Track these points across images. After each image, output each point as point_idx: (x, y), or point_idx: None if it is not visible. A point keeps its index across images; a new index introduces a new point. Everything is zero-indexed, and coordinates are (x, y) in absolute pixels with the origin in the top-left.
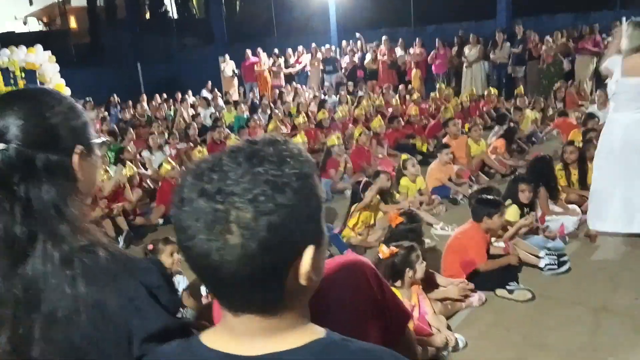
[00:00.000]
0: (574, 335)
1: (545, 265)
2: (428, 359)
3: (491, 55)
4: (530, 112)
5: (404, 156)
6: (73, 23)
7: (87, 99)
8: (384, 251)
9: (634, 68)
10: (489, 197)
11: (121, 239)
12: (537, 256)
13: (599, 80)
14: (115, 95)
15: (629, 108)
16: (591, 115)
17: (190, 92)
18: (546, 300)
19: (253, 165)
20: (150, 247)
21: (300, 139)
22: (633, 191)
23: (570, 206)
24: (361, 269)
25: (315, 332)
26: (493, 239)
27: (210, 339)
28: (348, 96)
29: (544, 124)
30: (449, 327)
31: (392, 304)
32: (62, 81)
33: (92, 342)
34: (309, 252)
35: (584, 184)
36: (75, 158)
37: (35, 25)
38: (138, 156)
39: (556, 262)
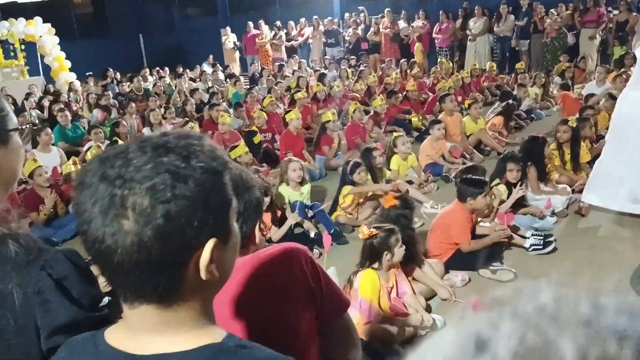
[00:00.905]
0: None
1: (530, 245)
2: (405, 339)
3: (495, 28)
4: (531, 89)
5: (396, 134)
6: None
7: (88, 73)
8: (364, 232)
9: None
10: (473, 177)
11: None
12: (523, 236)
13: (605, 54)
14: (111, 70)
15: (635, 84)
16: (590, 95)
17: (194, 66)
18: (529, 281)
19: (158, 155)
20: None
21: (294, 115)
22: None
23: (560, 186)
24: (296, 255)
25: (211, 336)
26: (479, 219)
27: (112, 334)
28: (348, 70)
29: (544, 100)
30: (428, 307)
31: (328, 291)
32: (63, 54)
33: None
34: (209, 246)
35: (577, 163)
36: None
37: None
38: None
39: (541, 243)
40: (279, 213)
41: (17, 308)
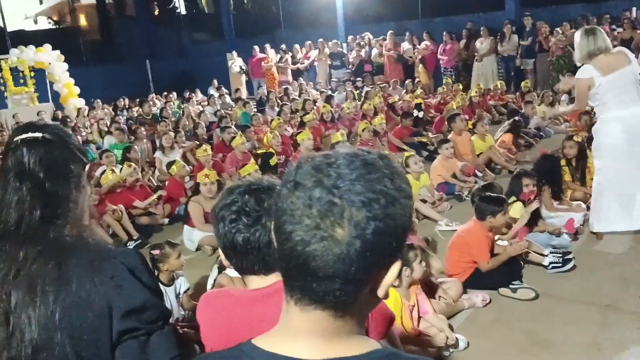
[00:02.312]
0: (578, 335)
1: (550, 263)
2: None
3: (499, 48)
4: (538, 107)
5: (407, 153)
6: (82, 20)
7: (93, 100)
8: None
9: (610, 65)
10: (492, 195)
11: (131, 245)
12: (541, 254)
13: None
14: (122, 99)
15: (620, 103)
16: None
17: (198, 90)
18: (550, 299)
19: (368, 172)
20: (157, 252)
21: (305, 136)
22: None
23: (575, 203)
24: None
25: (372, 343)
26: (497, 237)
27: (266, 341)
28: (354, 91)
29: (552, 118)
30: (450, 327)
31: (376, 309)
32: (71, 80)
33: (77, 316)
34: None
35: (584, 178)
36: (85, 172)
37: (45, 24)
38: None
39: (560, 260)
40: None
41: (94, 295)
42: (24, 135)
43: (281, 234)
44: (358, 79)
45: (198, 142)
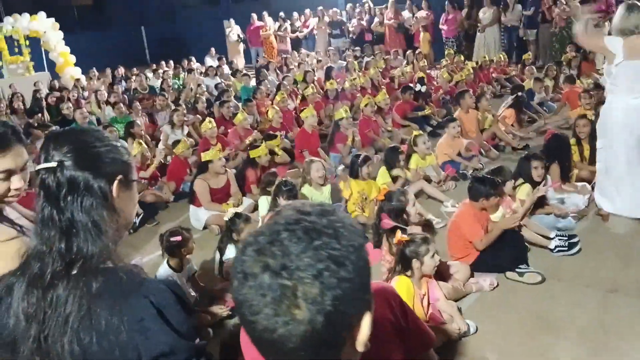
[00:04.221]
0: (584, 317)
1: (555, 247)
2: (440, 346)
3: (502, 18)
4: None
5: (416, 132)
6: None
7: (92, 70)
8: (397, 236)
9: (637, 50)
10: (488, 177)
11: (137, 220)
12: (547, 237)
13: None
14: (118, 69)
15: (630, 91)
16: (598, 86)
17: (193, 59)
18: (556, 282)
19: (312, 239)
20: (177, 238)
21: (309, 113)
22: (637, 176)
23: (580, 184)
24: (384, 295)
25: None
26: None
27: None
28: (355, 62)
29: (555, 92)
30: (459, 310)
31: (415, 328)
32: (67, 49)
33: (101, 354)
34: (366, 320)
35: (594, 158)
36: (115, 185)
37: None
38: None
39: (566, 244)
40: None
41: (122, 335)
42: (41, 166)
43: (246, 324)
44: (357, 48)
45: (199, 117)
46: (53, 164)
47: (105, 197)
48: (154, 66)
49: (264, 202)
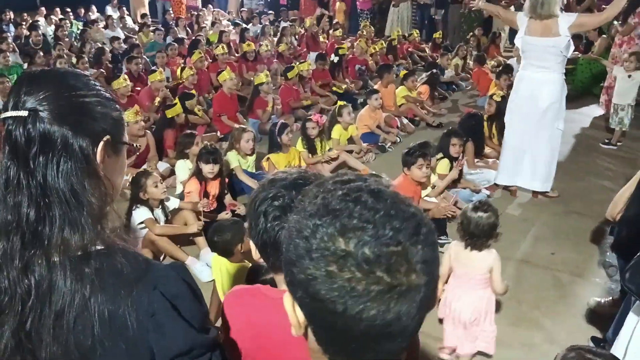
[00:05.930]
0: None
1: None
2: None
3: None
4: (452, 60)
5: (340, 102)
6: None
7: None
8: None
9: (536, 29)
10: (412, 148)
11: None
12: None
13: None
14: (8, 11)
15: (533, 66)
16: (507, 68)
17: (94, 7)
18: None
19: (383, 200)
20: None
21: (228, 76)
22: (537, 148)
23: (491, 160)
24: None
25: None
26: (424, 194)
27: None
28: (271, 27)
29: (464, 71)
30: None
31: None
32: None
33: (104, 354)
34: None
35: (502, 136)
36: (100, 146)
37: None
38: None
39: None
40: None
41: (130, 332)
42: (8, 114)
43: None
44: (270, 12)
45: (103, 71)
46: (23, 113)
47: (88, 161)
48: (45, 11)
49: (182, 165)
